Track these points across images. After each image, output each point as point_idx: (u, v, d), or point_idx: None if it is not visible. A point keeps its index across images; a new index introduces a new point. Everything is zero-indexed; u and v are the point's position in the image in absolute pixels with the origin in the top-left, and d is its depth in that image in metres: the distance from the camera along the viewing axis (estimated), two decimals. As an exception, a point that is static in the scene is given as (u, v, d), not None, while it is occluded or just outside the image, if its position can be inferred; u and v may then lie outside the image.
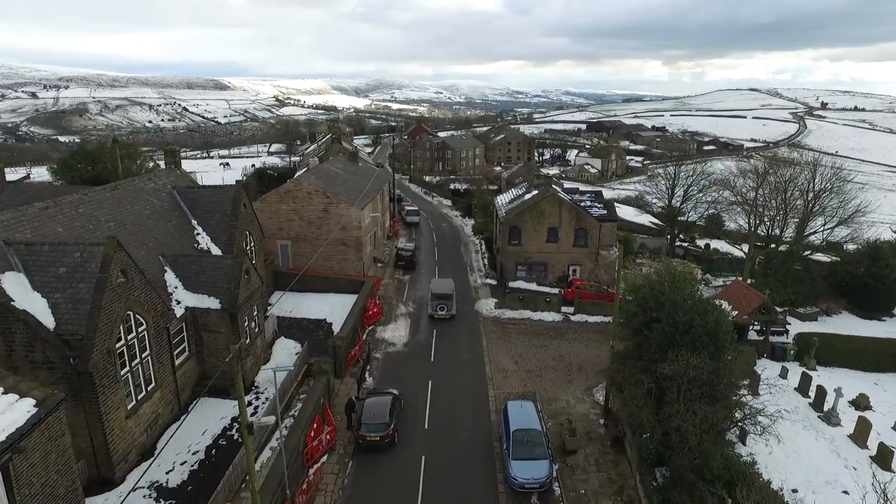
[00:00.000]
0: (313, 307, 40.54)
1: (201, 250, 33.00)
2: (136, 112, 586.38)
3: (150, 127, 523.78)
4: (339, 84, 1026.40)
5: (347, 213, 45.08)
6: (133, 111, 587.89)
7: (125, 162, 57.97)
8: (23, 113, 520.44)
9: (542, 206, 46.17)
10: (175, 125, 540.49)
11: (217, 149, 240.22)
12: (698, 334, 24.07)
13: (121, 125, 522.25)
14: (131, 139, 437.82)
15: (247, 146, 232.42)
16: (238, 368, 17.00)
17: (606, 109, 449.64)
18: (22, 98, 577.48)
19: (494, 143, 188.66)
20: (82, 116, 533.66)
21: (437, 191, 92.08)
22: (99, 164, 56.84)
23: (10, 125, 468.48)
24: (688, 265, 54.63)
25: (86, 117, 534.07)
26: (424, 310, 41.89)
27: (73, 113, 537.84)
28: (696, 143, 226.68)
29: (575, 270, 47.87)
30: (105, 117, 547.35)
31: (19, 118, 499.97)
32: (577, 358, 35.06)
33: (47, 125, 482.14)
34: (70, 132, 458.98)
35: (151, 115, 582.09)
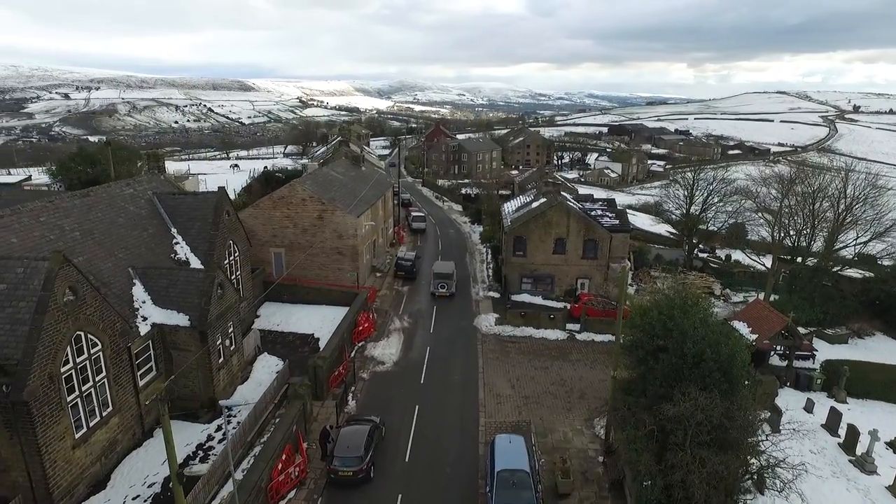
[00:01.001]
0: (302, 320, 38.51)
1: (179, 261, 31.15)
2: (163, 112, 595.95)
3: (176, 127, 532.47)
4: (361, 86, 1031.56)
5: (343, 221, 42.98)
6: (160, 112, 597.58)
7: (126, 164, 56.92)
8: (56, 113, 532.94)
9: (548, 216, 43.45)
10: (200, 125, 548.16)
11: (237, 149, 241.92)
12: (709, 369, 21.26)
13: (148, 125, 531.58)
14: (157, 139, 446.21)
15: (265, 147, 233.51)
16: (164, 411, 14.81)
17: (629, 112, 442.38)
18: (55, 99, 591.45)
19: (513, 146, 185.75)
20: (111, 117, 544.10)
21: (448, 195, 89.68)
22: (98, 165, 55.79)
23: (43, 125, 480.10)
24: (706, 279, 51.40)
25: (115, 118, 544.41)
26: (420, 325, 39.60)
27: (102, 113, 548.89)
28: (720, 147, 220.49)
29: (583, 284, 45.03)
30: (133, 117, 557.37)
31: (52, 118, 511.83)
32: (580, 383, 32.31)
33: (78, 125, 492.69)
34: (100, 132, 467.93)
35: (177, 116, 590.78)
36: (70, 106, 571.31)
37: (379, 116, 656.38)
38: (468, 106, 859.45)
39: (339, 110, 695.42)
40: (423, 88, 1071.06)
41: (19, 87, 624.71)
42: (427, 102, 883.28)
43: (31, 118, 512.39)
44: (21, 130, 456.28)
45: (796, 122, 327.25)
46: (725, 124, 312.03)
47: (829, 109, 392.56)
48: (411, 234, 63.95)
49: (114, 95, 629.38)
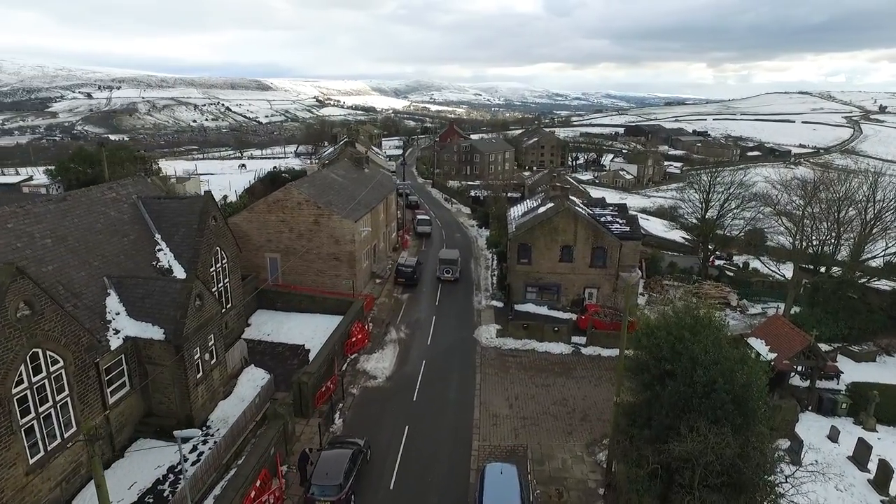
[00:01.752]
0: (294, 330, 36.92)
1: (161, 269, 29.70)
2: (182, 111, 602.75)
3: (195, 126, 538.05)
4: (378, 85, 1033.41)
5: (340, 226, 41.33)
6: (179, 111, 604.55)
7: (126, 165, 55.93)
8: (79, 112, 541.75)
9: (555, 222, 41.33)
10: (218, 124, 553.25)
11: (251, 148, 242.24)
12: (721, 400, 19.13)
13: (167, 124, 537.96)
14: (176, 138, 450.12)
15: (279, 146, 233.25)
16: (93, 452, 13.15)
17: (647, 113, 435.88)
18: (78, 98, 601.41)
19: (527, 147, 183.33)
20: (132, 116, 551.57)
21: (458, 197, 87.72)
22: (97, 166, 54.92)
23: (66, 124, 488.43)
24: (721, 288, 48.87)
25: (135, 116, 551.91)
26: (417, 336, 37.79)
27: (123, 112, 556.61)
28: (739, 148, 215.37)
29: (591, 294, 42.84)
30: (153, 116, 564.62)
31: (75, 117, 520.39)
32: (583, 402, 30.22)
33: (100, 124, 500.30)
34: (120, 131, 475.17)
35: (196, 115, 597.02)
36: (92, 105, 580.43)
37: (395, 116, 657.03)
38: (484, 106, 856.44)
39: (355, 110, 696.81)
40: (440, 88, 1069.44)
41: (44, 86, 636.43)
42: (443, 102, 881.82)
43: (55, 117, 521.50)
44: (45, 129, 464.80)
45: (819, 122, 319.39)
46: (745, 125, 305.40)
47: (854, 110, 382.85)
48: (416, 238, 62.14)
49: (134, 95, 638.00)
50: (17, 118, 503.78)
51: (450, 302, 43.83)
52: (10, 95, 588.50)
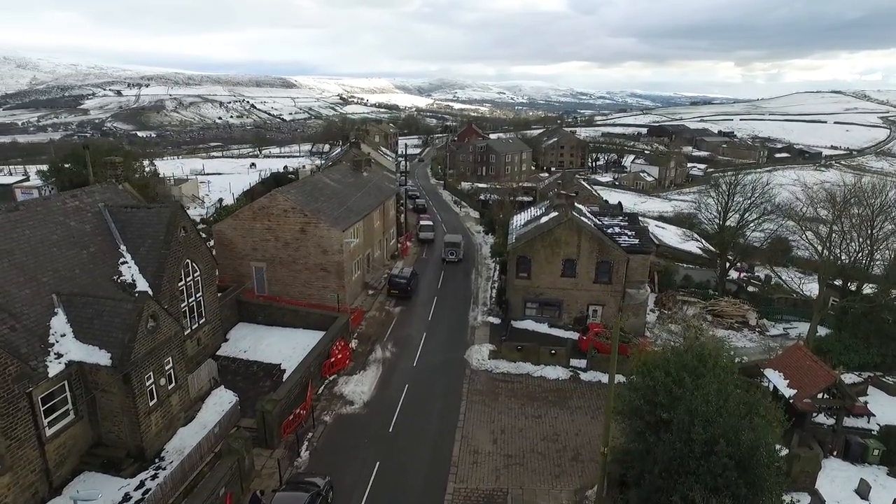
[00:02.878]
0: (272, 347, 34.69)
1: (123, 283, 27.68)
2: (208, 109, 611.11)
3: (220, 123, 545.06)
4: (402, 83, 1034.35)
5: (327, 236, 39.01)
6: (205, 108, 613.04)
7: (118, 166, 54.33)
8: (109, 109, 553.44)
9: (556, 234, 38.39)
10: (242, 122, 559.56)
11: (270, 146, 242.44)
12: (722, 465, 16.20)
13: (193, 121, 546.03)
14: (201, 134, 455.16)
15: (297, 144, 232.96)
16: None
17: (672, 113, 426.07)
18: (109, 96, 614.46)
19: (546, 147, 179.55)
20: (159, 113, 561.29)
21: (467, 200, 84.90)
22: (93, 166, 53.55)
23: (97, 121, 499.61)
24: (739, 306, 45.35)
25: (162, 113, 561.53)
26: (404, 356, 35.31)
27: (151, 109, 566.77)
28: (766, 149, 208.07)
29: (596, 311, 39.80)
30: (179, 113, 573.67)
31: (105, 114, 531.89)
32: (576, 438, 27.36)
33: (128, 121, 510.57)
34: (147, 127, 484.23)
35: (221, 112, 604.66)
36: (122, 102, 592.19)
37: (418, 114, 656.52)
38: (508, 104, 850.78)
39: (378, 108, 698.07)
40: (464, 86, 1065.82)
41: (77, 84, 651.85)
42: (467, 101, 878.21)
43: (87, 114, 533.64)
44: (77, 126, 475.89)
45: (852, 123, 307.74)
46: (773, 126, 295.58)
47: (891, 109, 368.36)
48: (418, 245, 59.60)
49: (162, 92, 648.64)
50: (51, 115, 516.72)
51: (444, 316, 41.25)
52: (46, 93, 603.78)
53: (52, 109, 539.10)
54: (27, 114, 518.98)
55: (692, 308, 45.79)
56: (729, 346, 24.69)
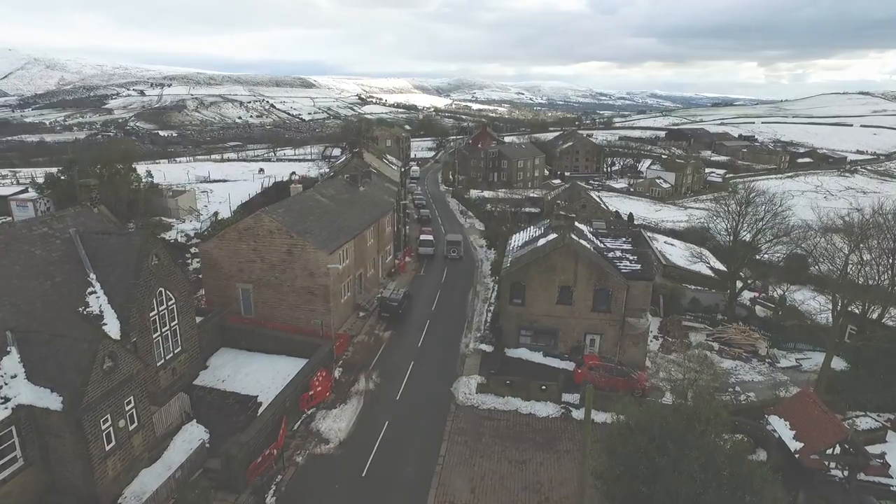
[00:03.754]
0: (252, 376, 33.43)
1: (89, 315, 26.62)
2: (228, 108, 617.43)
3: (240, 122, 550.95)
4: (420, 83, 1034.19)
5: (314, 258, 37.65)
6: (225, 107, 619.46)
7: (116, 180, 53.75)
8: (132, 109, 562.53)
9: (552, 260, 36.53)
10: (262, 121, 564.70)
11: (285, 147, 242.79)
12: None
13: (213, 121, 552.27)
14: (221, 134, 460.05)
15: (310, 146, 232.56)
16: None
17: (692, 115, 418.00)
18: (132, 96, 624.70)
19: (561, 152, 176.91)
20: (180, 112, 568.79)
21: (474, 210, 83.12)
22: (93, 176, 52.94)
23: (120, 121, 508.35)
24: (748, 334, 42.97)
25: (183, 113, 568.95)
26: (388, 387, 33.85)
27: (172, 109, 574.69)
28: (788, 154, 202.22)
29: (594, 341, 37.86)
30: (200, 113, 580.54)
31: (128, 114, 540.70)
32: (560, 489, 25.54)
33: (150, 120, 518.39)
34: (169, 127, 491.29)
35: (241, 112, 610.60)
36: (144, 102, 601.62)
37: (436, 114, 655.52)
38: (527, 105, 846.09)
39: (397, 108, 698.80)
40: (482, 87, 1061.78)
41: (102, 84, 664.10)
42: (485, 101, 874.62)
43: (111, 114, 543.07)
44: (101, 125, 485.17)
45: (881, 126, 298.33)
46: (796, 129, 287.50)
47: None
48: (418, 260, 58.00)
49: (184, 92, 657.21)
50: (77, 115, 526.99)
51: (434, 342, 39.64)
52: (73, 93, 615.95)
53: (77, 109, 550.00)
54: (54, 113, 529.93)
55: (698, 335, 43.52)
56: (730, 386, 22.67)
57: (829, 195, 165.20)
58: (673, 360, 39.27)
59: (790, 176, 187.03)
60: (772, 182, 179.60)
